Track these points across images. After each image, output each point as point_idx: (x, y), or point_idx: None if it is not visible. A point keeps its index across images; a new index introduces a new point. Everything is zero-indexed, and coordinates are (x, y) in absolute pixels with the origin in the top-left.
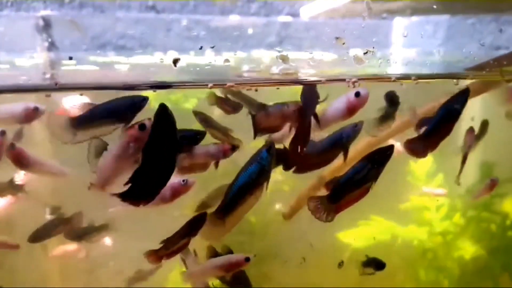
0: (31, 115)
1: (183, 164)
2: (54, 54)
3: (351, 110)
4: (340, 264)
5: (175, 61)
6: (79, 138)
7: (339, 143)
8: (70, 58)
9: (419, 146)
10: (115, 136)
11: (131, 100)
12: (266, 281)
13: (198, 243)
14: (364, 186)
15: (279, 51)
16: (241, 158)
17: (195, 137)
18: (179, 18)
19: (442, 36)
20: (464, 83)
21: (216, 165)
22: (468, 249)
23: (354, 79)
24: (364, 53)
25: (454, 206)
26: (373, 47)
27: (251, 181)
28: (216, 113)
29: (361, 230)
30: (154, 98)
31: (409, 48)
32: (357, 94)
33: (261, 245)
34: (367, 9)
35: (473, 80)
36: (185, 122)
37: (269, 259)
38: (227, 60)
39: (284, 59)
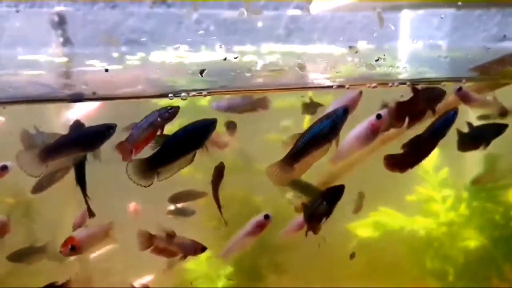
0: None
1: None
2: (69, 49)
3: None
4: (352, 256)
5: (202, 72)
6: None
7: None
8: (106, 71)
9: (399, 164)
10: None
11: (97, 130)
12: (278, 271)
13: None
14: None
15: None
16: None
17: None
18: (189, 12)
19: (448, 28)
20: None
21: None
22: (472, 239)
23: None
24: (376, 60)
25: (460, 197)
26: (384, 55)
27: (322, 134)
28: None
29: (370, 221)
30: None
31: (416, 40)
32: (379, 117)
33: (273, 236)
34: (378, 19)
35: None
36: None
37: (281, 249)
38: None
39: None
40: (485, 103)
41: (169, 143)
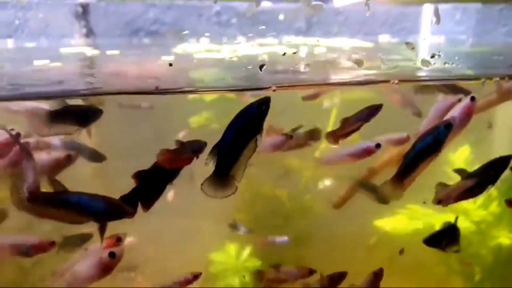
0: None
1: None
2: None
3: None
4: (401, 252)
5: (261, 67)
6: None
7: None
8: (170, 65)
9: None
10: None
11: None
12: (301, 263)
13: None
14: None
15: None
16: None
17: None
18: (209, 4)
19: (471, 22)
20: None
21: None
22: (503, 238)
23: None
24: (431, 57)
25: (491, 195)
26: (439, 51)
27: (425, 150)
28: None
29: (398, 218)
30: None
31: (438, 35)
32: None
33: (296, 229)
34: (434, 16)
35: None
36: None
37: (304, 242)
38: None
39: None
40: None
41: (226, 141)
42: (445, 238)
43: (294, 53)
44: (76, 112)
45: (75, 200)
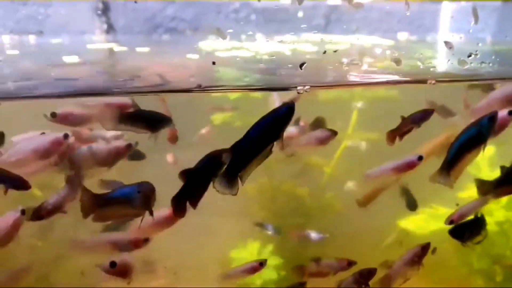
0: None
1: None
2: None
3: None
4: (433, 251)
5: (301, 65)
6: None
7: None
8: (213, 63)
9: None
10: None
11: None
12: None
13: None
14: None
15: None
16: None
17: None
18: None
19: (490, 21)
20: None
21: None
22: None
23: None
24: (468, 56)
25: None
26: (476, 51)
27: (469, 142)
28: None
29: (421, 218)
30: None
31: (457, 33)
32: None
33: (317, 227)
34: (473, 15)
35: None
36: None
37: (324, 241)
38: None
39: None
40: None
41: (244, 145)
42: (468, 229)
43: (335, 51)
44: (147, 117)
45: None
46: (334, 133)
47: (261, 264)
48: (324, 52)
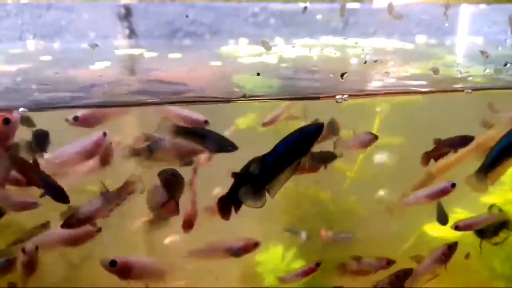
0: None
1: None
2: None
3: None
4: (467, 256)
5: (342, 75)
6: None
7: None
8: (258, 75)
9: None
10: None
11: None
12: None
13: None
14: None
15: None
16: None
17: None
18: (246, 4)
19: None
20: None
21: None
22: None
23: None
24: (504, 65)
25: None
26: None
27: (510, 147)
28: None
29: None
30: None
31: (475, 36)
32: None
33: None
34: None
35: None
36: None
37: (346, 247)
38: None
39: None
40: None
41: (271, 160)
42: (491, 227)
43: (375, 61)
44: (203, 136)
45: None
46: (375, 137)
47: (318, 265)
48: (365, 62)
